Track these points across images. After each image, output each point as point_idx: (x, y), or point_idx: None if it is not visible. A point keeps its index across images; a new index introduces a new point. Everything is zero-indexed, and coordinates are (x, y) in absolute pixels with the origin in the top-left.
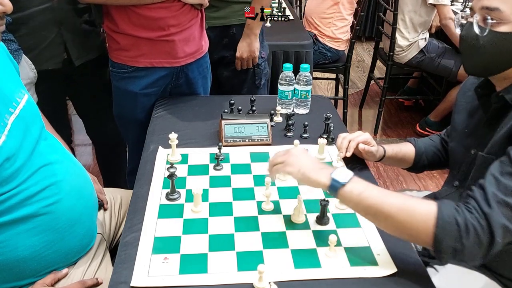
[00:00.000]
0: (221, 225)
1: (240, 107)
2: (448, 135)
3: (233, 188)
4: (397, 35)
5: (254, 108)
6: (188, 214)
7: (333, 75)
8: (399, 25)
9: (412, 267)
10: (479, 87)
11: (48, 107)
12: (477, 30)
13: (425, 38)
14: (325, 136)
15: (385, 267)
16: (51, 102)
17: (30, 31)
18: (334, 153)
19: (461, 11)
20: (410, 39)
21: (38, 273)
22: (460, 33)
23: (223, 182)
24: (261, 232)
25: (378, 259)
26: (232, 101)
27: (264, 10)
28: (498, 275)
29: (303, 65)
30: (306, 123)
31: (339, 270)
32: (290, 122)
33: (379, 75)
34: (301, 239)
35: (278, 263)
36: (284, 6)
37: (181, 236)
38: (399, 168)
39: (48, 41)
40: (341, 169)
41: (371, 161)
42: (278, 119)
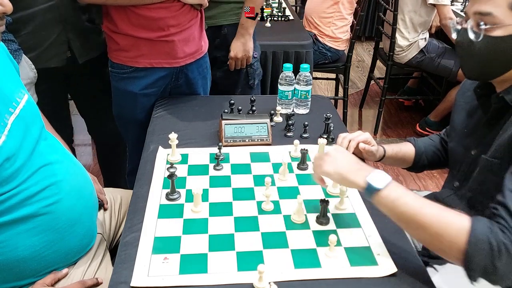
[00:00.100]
0: (221, 225)
1: (240, 107)
2: (448, 135)
3: (233, 188)
4: (397, 35)
5: (254, 108)
6: (188, 214)
7: (333, 75)
8: (399, 25)
9: (412, 267)
10: (479, 87)
11: (49, 107)
12: (472, 36)
13: (425, 38)
14: (325, 136)
15: (385, 267)
16: (52, 102)
17: (35, 29)
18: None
19: (461, 11)
20: (410, 39)
21: (38, 273)
22: (456, 39)
23: (223, 182)
24: (261, 232)
25: (378, 259)
26: (232, 101)
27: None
28: None
29: (303, 65)
30: (306, 123)
31: (339, 270)
32: (290, 122)
33: (379, 75)
34: (301, 239)
35: (278, 263)
36: (284, 6)
37: (181, 236)
38: (399, 168)
39: (52, 39)
40: (379, 172)
41: (371, 161)
42: (278, 119)
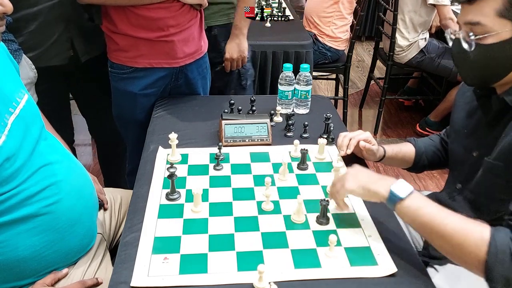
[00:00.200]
0: (221, 225)
1: (240, 107)
2: (448, 135)
3: (233, 188)
4: (397, 35)
5: (254, 108)
6: (188, 214)
7: (333, 75)
8: (399, 25)
9: (412, 267)
10: (478, 88)
11: (50, 106)
12: (465, 46)
13: (425, 38)
14: (325, 136)
15: (385, 267)
16: (53, 101)
17: (38, 28)
18: (334, 153)
19: None
20: (410, 39)
21: (38, 273)
22: (451, 50)
23: (223, 182)
24: (261, 232)
25: (378, 259)
26: (232, 101)
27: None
28: None
29: (303, 65)
30: (306, 123)
31: (339, 270)
32: (290, 122)
33: (379, 75)
34: (301, 239)
35: (278, 263)
36: (284, 6)
37: (181, 236)
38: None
39: (55, 37)
40: (401, 182)
41: (371, 161)
42: (278, 119)
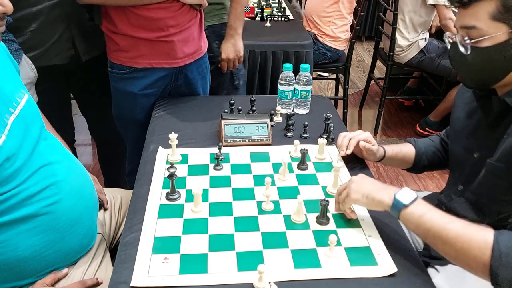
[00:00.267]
0: (221, 225)
1: (240, 107)
2: (448, 136)
3: (233, 188)
4: (397, 35)
5: (254, 108)
6: (188, 214)
7: (333, 75)
8: (399, 25)
9: (412, 267)
10: (478, 90)
11: (51, 106)
12: (462, 49)
13: (425, 38)
14: (325, 136)
15: (385, 267)
16: (54, 101)
17: (40, 27)
18: (334, 153)
19: None
20: (410, 39)
21: (38, 273)
22: (449, 54)
23: (223, 182)
24: (261, 232)
25: (378, 259)
26: (232, 101)
27: (264, 10)
28: None
29: (303, 65)
30: (306, 123)
31: (339, 270)
32: (290, 122)
33: (379, 75)
34: (301, 239)
35: (278, 263)
36: (284, 6)
37: (181, 236)
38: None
39: (57, 37)
40: (405, 190)
41: (371, 161)
42: (278, 119)
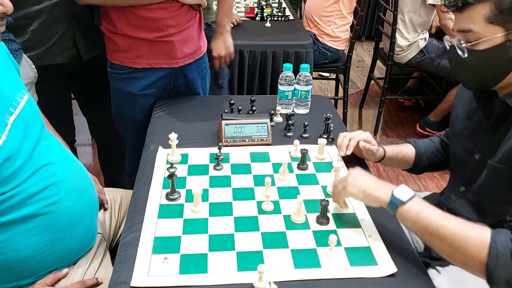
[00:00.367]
0: (221, 225)
1: (240, 107)
2: (448, 137)
3: (233, 188)
4: (397, 35)
5: (254, 108)
6: (188, 214)
7: (333, 75)
8: (399, 25)
9: (412, 267)
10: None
11: (51, 106)
12: (460, 52)
13: (425, 38)
14: (325, 136)
15: (385, 267)
16: (54, 101)
17: (42, 26)
18: (334, 153)
19: None
20: (410, 39)
21: (38, 273)
22: (448, 56)
23: (223, 182)
24: (261, 232)
25: (378, 259)
26: (232, 101)
27: (264, 10)
28: None
29: (303, 65)
30: (306, 123)
31: (339, 270)
32: (290, 122)
33: (379, 75)
34: (301, 239)
35: (278, 263)
36: (284, 6)
37: (181, 236)
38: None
39: (59, 35)
40: (403, 187)
41: (371, 161)
42: (278, 119)
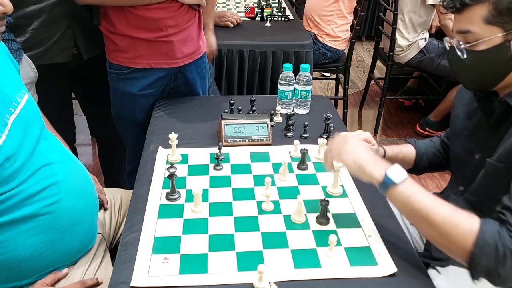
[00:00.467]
0: (221, 225)
1: (240, 107)
2: (448, 138)
3: (233, 188)
4: (397, 35)
5: (254, 108)
6: (188, 214)
7: (333, 75)
8: (399, 25)
9: (412, 267)
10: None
11: (52, 105)
12: (459, 53)
13: (425, 38)
14: (325, 136)
15: (385, 267)
16: (55, 100)
17: (42, 25)
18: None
19: None
20: (410, 39)
21: (38, 273)
22: (448, 57)
23: (223, 182)
24: (261, 232)
25: (378, 259)
26: (232, 101)
27: (264, 10)
28: None
29: (303, 65)
30: (306, 123)
31: (339, 270)
32: (290, 122)
33: (379, 75)
34: (301, 239)
35: (278, 263)
36: (284, 6)
37: (181, 236)
38: None
39: (59, 35)
40: (397, 168)
41: None
42: (278, 119)
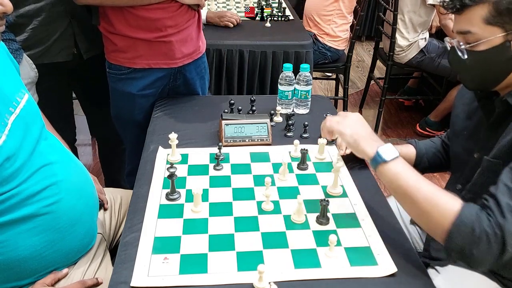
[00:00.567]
0: (221, 225)
1: (240, 107)
2: (448, 138)
3: (233, 188)
4: (397, 35)
5: (254, 108)
6: (188, 214)
7: (333, 75)
8: (399, 25)
9: (412, 267)
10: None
11: (52, 105)
12: (460, 53)
13: (425, 38)
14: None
15: (385, 267)
16: (55, 100)
17: (42, 24)
18: (334, 153)
19: None
20: (410, 39)
21: (38, 273)
22: (448, 58)
23: (223, 182)
24: (261, 232)
25: (378, 259)
26: (232, 101)
27: (264, 10)
28: (499, 276)
29: (303, 65)
30: (306, 123)
31: (339, 270)
32: (290, 122)
33: (379, 75)
34: (301, 239)
35: (278, 263)
36: (284, 6)
37: (181, 236)
38: None
39: (59, 33)
40: (389, 146)
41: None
42: (278, 119)
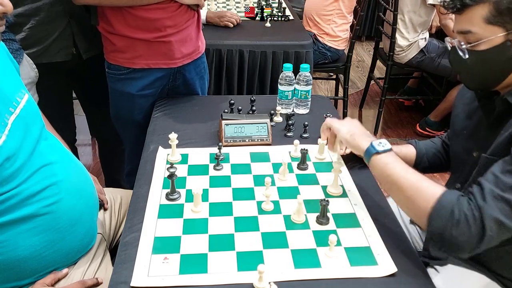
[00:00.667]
0: (221, 225)
1: (240, 107)
2: (449, 137)
3: (233, 188)
4: (397, 35)
5: (254, 108)
6: (188, 214)
7: (333, 75)
8: (399, 25)
9: (412, 267)
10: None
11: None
12: (461, 53)
13: (425, 38)
14: None
15: (385, 267)
16: (55, 100)
17: (40, 23)
18: (334, 153)
19: None
20: (410, 39)
21: (38, 273)
22: (449, 58)
23: (223, 182)
24: (261, 232)
25: (378, 259)
26: (232, 101)
27: (264, 10)
28: (499, 276)
29: (303, 65)
30: (306, 123)
31: (339, 270)
32: (290, 122)
33: (379, 75)
34: (301, 239)
35: (278, 263)
36: (284, 6)
37: (181, 236)
38: None
39: (58, 33)
40: (383, 140)
41: None
42: (278, 119)
